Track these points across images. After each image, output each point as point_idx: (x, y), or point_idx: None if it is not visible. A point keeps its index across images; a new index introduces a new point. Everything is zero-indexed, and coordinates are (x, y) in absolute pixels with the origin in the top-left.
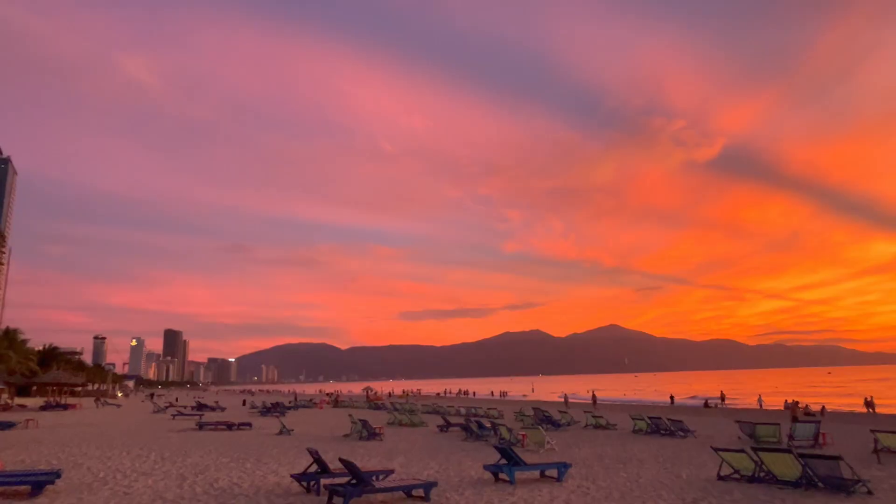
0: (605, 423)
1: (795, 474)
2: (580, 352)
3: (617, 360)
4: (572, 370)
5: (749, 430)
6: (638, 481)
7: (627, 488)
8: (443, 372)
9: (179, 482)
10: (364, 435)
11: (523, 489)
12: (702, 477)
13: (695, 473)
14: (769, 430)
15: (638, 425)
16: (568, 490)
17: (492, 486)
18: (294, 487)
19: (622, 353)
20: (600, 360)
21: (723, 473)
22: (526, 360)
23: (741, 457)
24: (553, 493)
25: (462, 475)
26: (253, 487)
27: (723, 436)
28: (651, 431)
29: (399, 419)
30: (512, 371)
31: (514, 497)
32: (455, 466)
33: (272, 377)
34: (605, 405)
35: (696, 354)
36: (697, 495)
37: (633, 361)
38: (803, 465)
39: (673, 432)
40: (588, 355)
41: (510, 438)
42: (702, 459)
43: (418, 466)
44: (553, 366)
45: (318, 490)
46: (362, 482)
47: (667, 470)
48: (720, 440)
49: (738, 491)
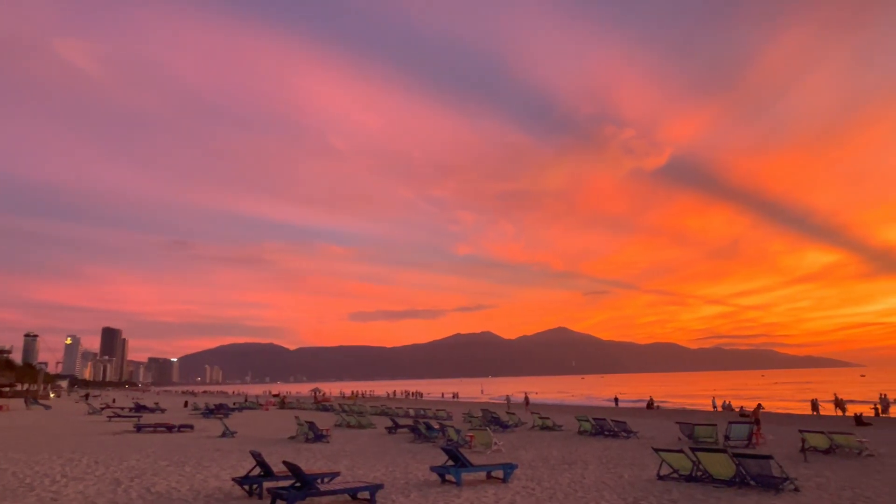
0: (551, 424)
1: (730, 473)
2: (529, 354)
3: (565, 362)
4: (522, 372)
5: (688, 431)
6: (582, 482)
7: (571, 489)
8: (393, 373)
9: (113, 487)
10: (310, 437)
11: (469, 490)
12: (643, 477)
13: (636, 474)
14: (707, 430)
15: (583, 426)
16: (513, 491)
17: (438, 488)
18: (236, 491)
19: (570, 356)
20: (549, 362)
21: (662, 473)
22: (476, 362)
23: (680, 457)
24: (498, 494)
25: (409, 477)
26: (192, 492)
27: (664, 436)
28: (596, 432)
29: (347, 421)
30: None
31: (460, 498)
32: (402, 468)
33: (216, 378)
34: (551, 407)
35: (640, 357)
36: (638, 495)
37: (581, 363)
38: (737, 464)
39: (617, 433)
40: (537, 357)
41: (458, 440)
42: (643, 460)
43: (365, 468)
44: (503, 367)
45: (260, 493)
46: (306, 485)
47: (610, 471)
48: (661, 441)
49: (677, 490)
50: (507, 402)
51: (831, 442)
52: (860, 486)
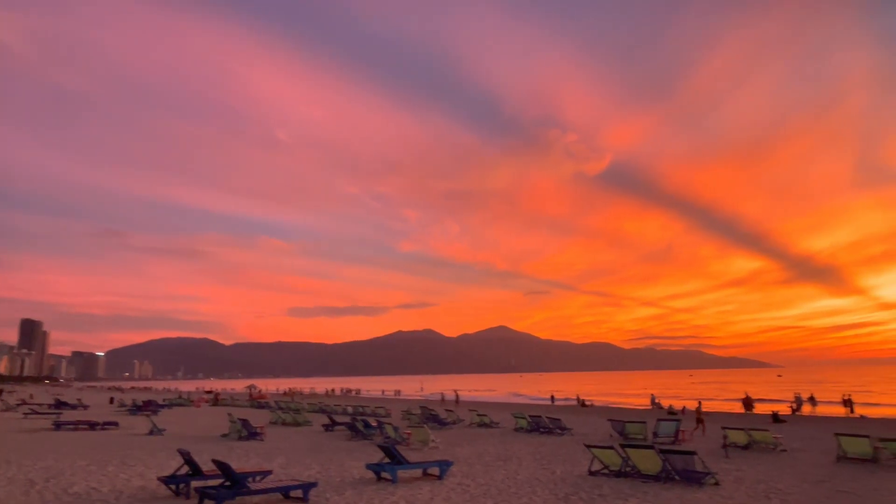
0: (488, 421)
1: (657, 468)
2: (470, 352)
3: (505, 360)
4: (463, 369)
5: (619, 428)
6: (516, 478)
7: (505, 485)
8: (333, 370)
9: (26, 489)
10: (243, 434)
11: (405, 488)
12: (575, 473)
13: (568, 470)
14: (637, 427)
15: (520, 423)
16: (448, 488)
17: (374, 486)
18: (161, 491)
19: (509, 354)
20: (489, 360)
21: (593, 469)
22: (418, 359)
23: (610, 453)
24: (434, 490)
25: (344, 475)
26: (114, 492)
27: (597, 433)
28: (531, 429)
29: (283, 418)
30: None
31: (395, 496)
32: (337, 466)
33: (146, 374)
34: (490, 404)
35: (577, 356)
36: (569, 490)
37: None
38: (663, 460)
39: (551, 430)
40: (478, 355)
41: (395, 437)
42: (576, 456)
43: (299, 467)
44: (444, 365)
45: (188, 493)
46: (236, 484)
47: (543, 467)
48: (594, 438)
49: (607, 485)
50: (442, 400)
51: (750, 438)
52: (773, 479)
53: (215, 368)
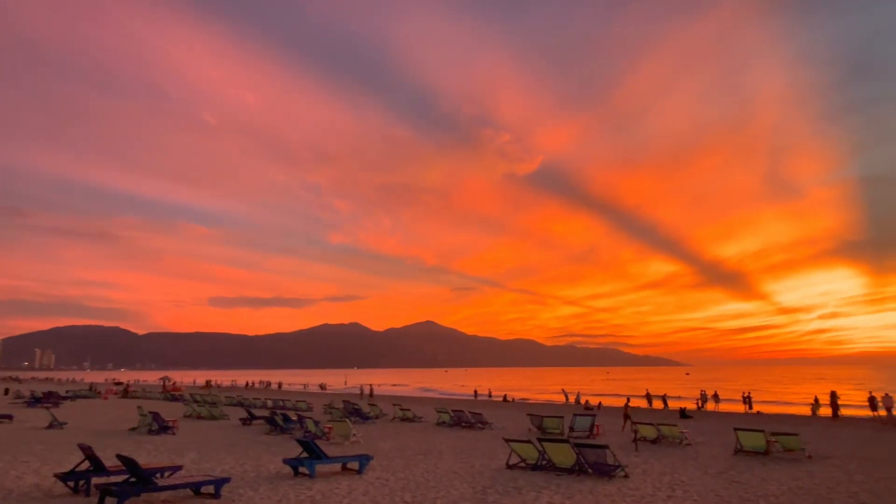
0: (411, 415)
1: (571, 462)
2: (397, 346)
3: (431, 355)
4: (389, 364)
5: (538, 423)
6: (435, 472)
7: (424, 479)
8: (255, 363)
9: None
10: (154, 429)
11: (322, 483)
12: (492, 466)
13: (487, 463)
14: (554, 422)
15: (442, 418)
16: (367, 482)
17: (290, 481)
18: (58, 488)
19: (436, 349)
20: (415, 355)
21: (511, 462)
22: (344, 353)
23: (528, 447)
24: (352, 485)
25: (260, 470)
26: (3, 490)
27: (516, 428)
28: (453, 424)
29: (198, 412)
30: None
31: (312, 491)
32: (253, 461)
33: (48, 363)
34: (414, 398)
35: (501, 352)
36: (486, 483)
37: (446, 357)
38: (577, 453)
39: (473, 424)
40: (404, 349)
41: (316, 431)
42: (495, 450)
43: (212, 462)
44: (370, 359)
45: (87, 490)
46: (142, 480)
47: (463, 460)
48: (513, 432)
49: (523, 478)
50: (361, 393)
51: (659, 433)
52: (678, 471)
53: (127, 359)
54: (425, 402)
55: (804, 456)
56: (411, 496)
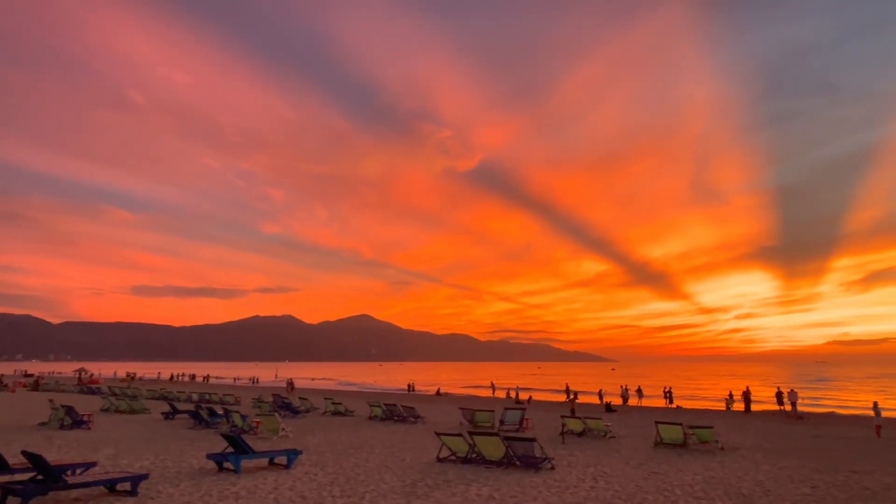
0: (343, 410)
1: (500, 455)
2: (331, 339)
3: (366, 348)
4: (323, 357)
5: (469, 416)
6: (365, 466)
7: (354, 473)
8: (182, 355)
9: None
10: (67, 423)
11: (248, 478)
12: (423, 460)
13: (418, 457)
14: (486, 416)
15: (374, 412)
16: (295, 477)
17: (214, 476)
18: None
19: (371, 343)
20: (350, 349)
21: (442, 456)
22: (275, 346)
23: (458, 440)
24: (279, 480)
25: (182, 466)
26: None
27: (448, 421)
28: (386, 418)
29: (116, 405)
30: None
31: (237, 487)
32: (175, 456)
33: None
34: (346, 392)
35: (436, 347)
36: (416, 477)
37: (381, 351)
38: (507, 446)
39: (405, 418)
40: (339, 343)
41: (243, 426)
42: (427, 444)
43: (131, 458)
44: (303, 352)
45: None
46: (51, 477)
47: (394, 454)
48: (445, 426)
49: (452, 471)
50: (288, 387)
51: (585, 426)
52: (601, 463)
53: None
54: (358, 396)
55: (718, 447)
56: (340, 490)
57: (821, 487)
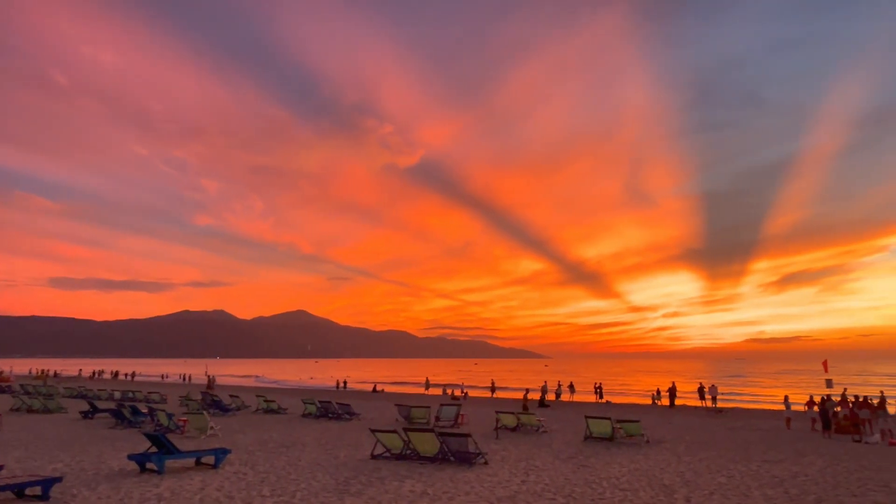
0: (276, 407)
1: (434, 450)
2: (265, 335)
3: (301, 345)
4: (256, 353)
5: (405, 413)
6: (297, 464)
7: (285, 471)
8: (105, 351)
9: None
10: None
11: (172, 479)
12: (357, 457)
13: (351, 454)
14: (422, 412)
15: (308, 409)
16: (223, 477)
17: (135, 478)
18: None
19: (307, 339)
20: (285, 345)
21: (376, 453)
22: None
23: (393, 437)
24: (206, 480)
25: (100, 467)
26: None
27: (385, 418)
28: (320, 415)
29: (29, 404)
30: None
31: (160, 488)
32: (93, 458)
33: None
34: (280, 389)
35: (374, 343)
36: (350, 474)
37: (318, 347)
38: (441, 442)
39: (340, 415)
40: (273, 339)
41: (168, 425)
42: (361, 441)
43: (43, 460)
44: (235, 348)
45: None
46: None
47: (327, 452)
48: (381, 422)
49: (386, 468)
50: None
51: (518, 421)
52: (533, 457)
53: None
54: (292, 393)
55: (643, 441)
56: (270, 490)
57: (735, 477)
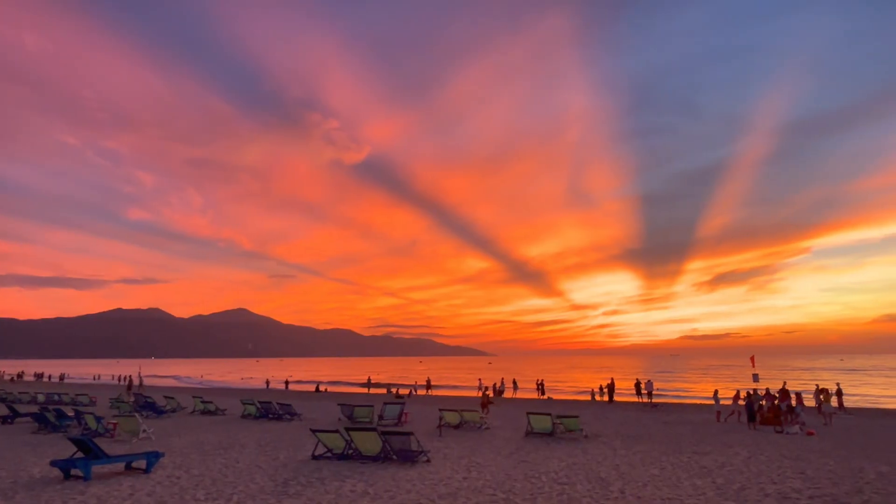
0: (214, 408)
1: (377, 449)
2: (204, 334)
3: (242, 344)
4: (194, 353)
5: (348, 412)
6: (235, 466)
7: (222, 474)
8: (29, 351)
9: None
10: None
11: (100, 485)
12: (297, 458)
13: (292, 455)
14: (365, 411)
15: (248, 410)
16: (154, 481)
17: (58, 485)
18: None
19: (248, 338)
20: (225, 344)
21: (317, 453)
22: (141, 341)
23: (335, 436)
24: (136, 486)
25: (19, 475)
26: None
27: (327, 418)
28: (260, 416)
29: None
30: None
31: (85, 495)
32: (12, 465)
33: None
34: (219, 390)
35: (318, 342)
36: (289, 475)
37: (259, 346)
38: (384, 441)
39: (281, 416)
40: (212, 338)
41: (97, 428)
42: (302, 441)
43: None
44: (172, 348)
45: None
46: None
47: (266, 453)
48: (324, 422)
49: (327, 468)
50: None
51: (461, 418)
52: (475, 454)
53: None
54: (231, 393)
55: (582, 435)
56: (204, 493)
57: (668, 468)
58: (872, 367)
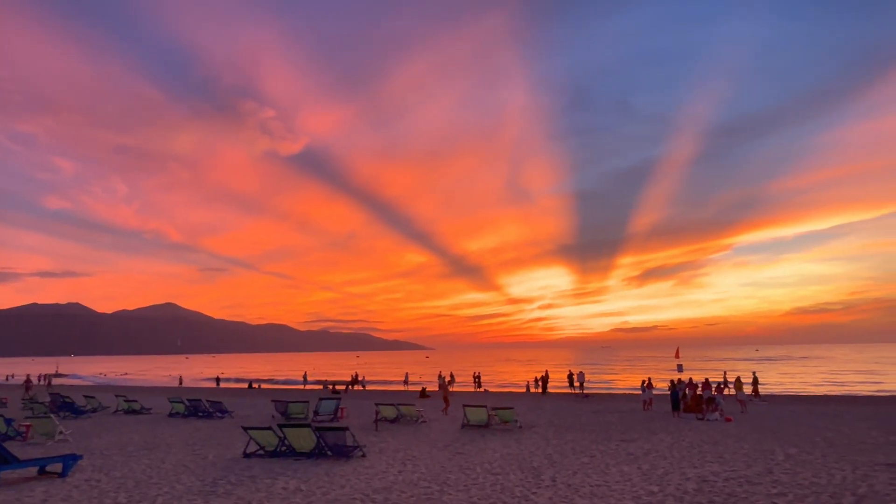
0: (138, 407)
1: (311, 446)
2: (128, 330)
3: (170, 340)
4: (118, 350)
5: (282, 409)
6: (160, 467)
7: (146, 475)
8: None
9: None
10: None
11: (9, 492)
12: (228, 456)
13: (222, 454)
14: (299, 407)
15: (175, 408)
16: (72, 486)
17: None
18: None
19: (177, 334)
20: (152, 341)
21: (249, 451)
22: (59, 338)
23: (268, 433)
24: (50, 491)
25: None
26: None
27: (260, 415)
28: (189, 414)
29: None
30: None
31: None
32: None
33: None
34: (144, 389)
35: (252, 337)
36: (219, 475)
37: (189, 343)
38: (318, 437)
39: (211, 414)
40: (138, 335)
41: (7, 431)
42: (233, 439)
43: None
44: (93, 345)
45: None
46: None
47: (195, 452)
48: (257, 419)
49: (259, 466)
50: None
51: (398, 412)
52: (411, 447)
53: None
54: (157, 391)
55: (517, 427)
56: (126, 496)
57: (597, 456)
58: (785, 356)
